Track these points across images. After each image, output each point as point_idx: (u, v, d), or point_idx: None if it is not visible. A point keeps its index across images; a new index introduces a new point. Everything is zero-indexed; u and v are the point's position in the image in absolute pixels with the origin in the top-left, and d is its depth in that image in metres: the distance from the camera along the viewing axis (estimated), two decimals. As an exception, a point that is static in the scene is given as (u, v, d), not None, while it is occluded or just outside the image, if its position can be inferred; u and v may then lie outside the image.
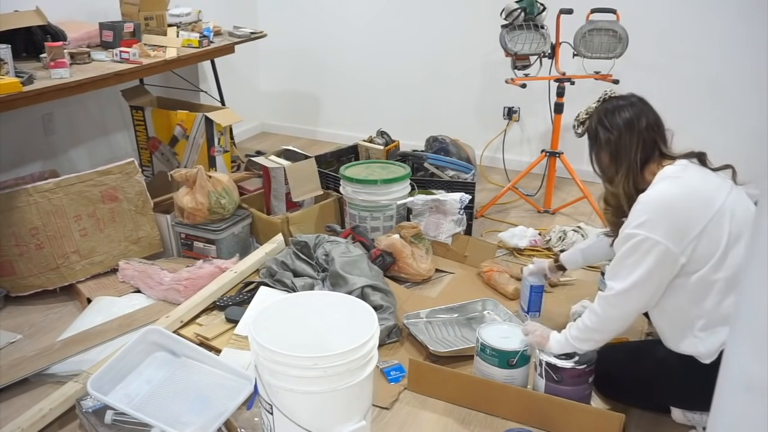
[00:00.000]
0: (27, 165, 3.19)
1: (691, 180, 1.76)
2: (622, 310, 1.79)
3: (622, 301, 1.77)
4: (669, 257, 1.69)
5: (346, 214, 3.05)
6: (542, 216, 3.47)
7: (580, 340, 1.86)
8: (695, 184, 1.76)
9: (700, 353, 1.75)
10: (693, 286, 1.73)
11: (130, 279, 2.63)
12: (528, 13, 3.15)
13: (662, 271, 1.71)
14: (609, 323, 1.81)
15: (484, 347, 2.01)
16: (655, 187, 1.77)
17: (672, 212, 1.70)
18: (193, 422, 1.78)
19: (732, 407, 0.81)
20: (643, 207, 1.74)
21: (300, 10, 4.49)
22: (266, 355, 1.54)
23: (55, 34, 2.83)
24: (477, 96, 4.15)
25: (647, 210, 1.72)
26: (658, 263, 1.70)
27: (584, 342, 1.86)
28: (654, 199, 1.74)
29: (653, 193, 1.75)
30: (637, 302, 1.77)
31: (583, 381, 1.90)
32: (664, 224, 1.69)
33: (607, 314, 1.80)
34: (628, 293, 1.75)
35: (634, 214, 1.75)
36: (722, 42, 3.48)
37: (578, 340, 1.86)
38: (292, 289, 2.44)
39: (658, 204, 1.72)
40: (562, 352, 1.90)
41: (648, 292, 1.75)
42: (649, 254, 1.69)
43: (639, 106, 1.90)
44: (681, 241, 1.69)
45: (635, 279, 1.72)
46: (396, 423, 1.96)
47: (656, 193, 1.75)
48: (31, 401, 1.98)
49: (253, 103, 4.73)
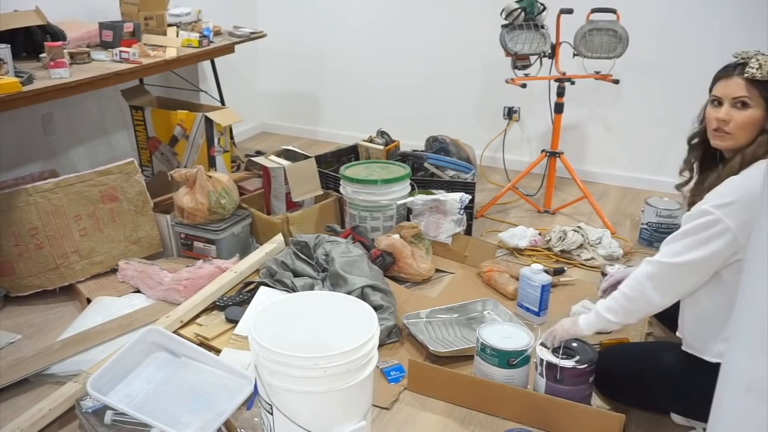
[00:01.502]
0: (27, 165, 3.19)
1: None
2: (664, 283, 1.71)
3: (670, 274, 1.70)
4: (733, 246, 1.61)
5: (346, 214, 3.05)
6: (542, 216, 3.47)
7: (614, 311, 1.78)
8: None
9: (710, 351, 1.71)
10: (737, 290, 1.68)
11: (130, 279, 2.63)
12: (528, 13, 3.15)
13: (722, 256, 1.64)
14: (652, 293, 1.72)
15: (485, 347, 2.01)
16: (748, 173, 1.65)
17: (753, 203, 1.57)
18: (193, 422, 1.78)
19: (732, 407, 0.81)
20: (730, 190, 1.63)
21: (300, 10, 4.49)
22: (266, 355, 1.54)
23: (54, 33, 2.83)
24: (477, 96, 4.15)
25: (732, 192, 1.61)
26: (721, 250, 1.62)
27: (618, 313, 1.78)
28: (741, 184, 1.62)
29: (742, 179, 1.64)
30: (681, 281, 1.70)
31: (584, 381, 1.90)
32: (744, 215, 1.59)
33: (653, 283, 1.72)
34: (677, 268, 1.68)
35: (717, 193, 1.65)
36: (722, 42, 3.47)
37: (612, 311, 1.79)
38: (292, 289, 2.44)
39: (742, 190, 1.61)
40: (592, 331, 1.85)
41: (697, 275, 1.68)
42: (717, 238, 1.61)
43: None
44: (749, 236, 1.62)
45: (692, 257, 1.65)
46: (396, 423, 1.95)
47: (745, 179, 1.63)
48: (31, 401, 1.98)
49: (253, 103, 4.73)
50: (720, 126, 1.72)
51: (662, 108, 3.70)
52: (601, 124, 3.88)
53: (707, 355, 1.74)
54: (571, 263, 2.92)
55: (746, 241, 1.60)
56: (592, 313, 1.86)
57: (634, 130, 3.77)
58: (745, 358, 0.79)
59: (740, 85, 1.68)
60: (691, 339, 1.79)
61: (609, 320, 1.82)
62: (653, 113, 3.70)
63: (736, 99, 1.69)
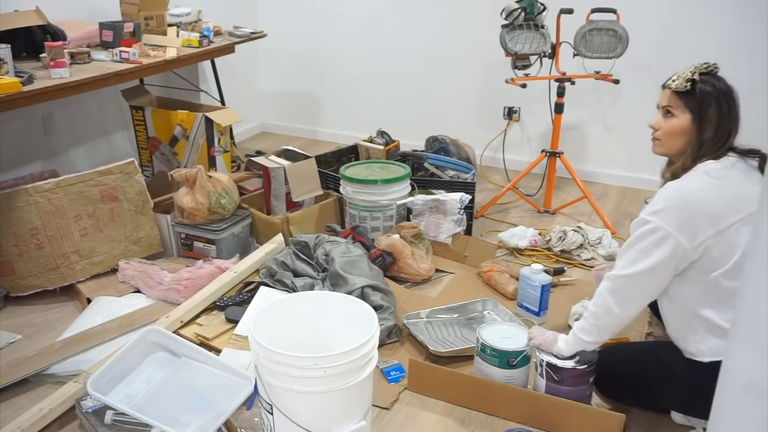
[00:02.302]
0: (27, 165, 3.19)
1: (727, 182, 1.70)
2: (625, 296, 1.76)
3: (625, 286, 1.75)
4: (678, 252, 1.67)
5: (346, 214, 3.05)
6: (542, 216, 3.47)
7: (586, 330, 1.83)
8: (728, 186, 1.70)
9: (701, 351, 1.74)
10: (704, 285, 1.71)
11: (130, 279, 2.63)
12: (528, 13, 3.15)
13: (669, 264, 1.69)
14: (613, 307, 1.78)
15: (485, 347, 2.01)
16: (685, 179, 1.73)
17: (690, 208, 1.67)
18: (193, 422, 1.78)
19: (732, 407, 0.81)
20: (664, 195, 1.71)
21: (300, 10, 4.49)
22: (266, 355, 1.54)
23: (54, 33, 2.83)
24: (477, 96, 4.15)
25: (666, 199, 1.70)
26: (667, 256, 1.68)
27: (589, 332, 1.83)
28: (677, 190, 1.71)
29: (679, 185, 1.72)
30: (639, 291, 1.76)
31: (584, 381, 1.90)
32: (678, 217, 1.66)
33: (614, 297, 1.77)
34: (630, 279, 1.73)
35: (653, 201, 1.72)
36: (722, 42, 3.48)
37: (584, 330, 1.84)
38: (292, 289, 2.44)
39: (678, 197, 1.69)
40: (572, 352, 1.88)
41: (652, 282, 1.73)
42: (659, 245, 1.67)
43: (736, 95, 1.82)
44: (693, 239, 1.66)
45: (641, 267, 1.71)
46: (396, 423, 1.96)
47: (682, 184, 1.72)
48: (31, 401, 1.98)
49: (253, 103, 4.73)
50: (652, 133, 1.87)
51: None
52: (601, 124, 3.88)
53: (701, 357, 1.75)
54: (571, 263, 2.92)
55: (693, 243, 1.66)
56: (570, 333, 1.89)
57: (634, 130, 3.77)
58: (745, 357, 0.79)
59: (666, 96, 1.81)
60: (680, 339, 1.81)
61: (584, 340, 1.85)
62: (653, 113, 3.69)
63: (664, 108, 1.83)
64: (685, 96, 1.77)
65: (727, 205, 1.68)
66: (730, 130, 1.76)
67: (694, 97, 1.77)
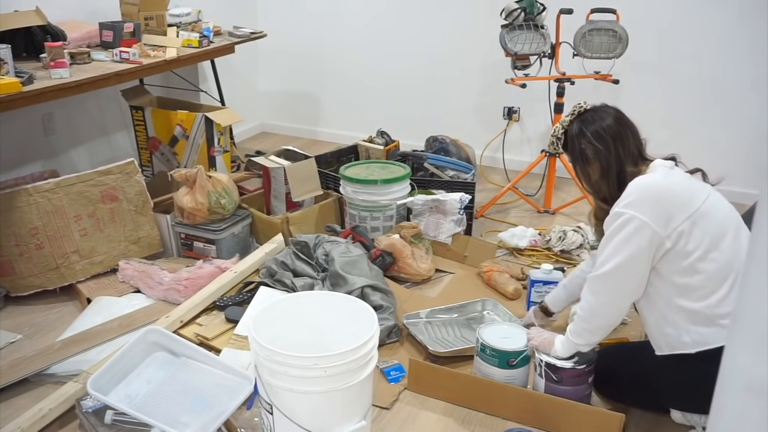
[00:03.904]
0: (27, 165, 3.19)
1: (679, 176, 1.79)
2: (611, 293, 1.77)
3: (610, 282, 1.76)
4: (655, 239, 1.69)
5: (346, 214, 3.05)
6: (542, 216, 3.47)
7: (577, 333, 1.84)
8: (682, 179, 1.78)
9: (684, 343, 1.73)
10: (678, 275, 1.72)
11: (130, 279, 2.63)
12: (528, 13, 3.15)
13: (648, 252, 1.70)
14: (598, 307, 1.78)
15: (484, 347, 2.01)
16: (646, 175, 1.78)
17: (660, 197, 1.71)
18: (193, 422, 1.78)
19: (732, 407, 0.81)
20: (632, 189, 1.74)
21: (300, 10, 4.49)
22: (266, 355, 1.54)
23: (55, 34, 2.83)
24: (477, 96, 4.15)
25: (635, 191, 1.73)
26: (644, 245, 1.69)
27: (580, 335, 1.84)
28: (643, 183, 1.74)
29: (643, 179, 1.76)
30: (625, 284, 1.76)
31: (583, 381, 1.90)
32: (650, 206, 1.69)
33: (596, 298, 1.78)
34: (611, 275, 1.74)
35: (623, 195, 1.75)
36: (722, 42, 3.48)
37: (575, 333, 1.84)
38: (292, 289, 2.44)
39: (646, 187, 1.73)
40: (568, 354, 1.89)
41: (636, 273, 1.74)
42: (636, 234, 1.69)
43: (619, 116, 1.87)
44: (667, 226, 1.69)
45: (623, 258, 1.71)
46: (396, 423, 1.96)
47: (646, 179, 1.76)
48: (31, 401, 1.98)
49: (253, 103, 4.73)
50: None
51: (662, 108, 3.70)
52: (601, 124, 3.87)
53: (685, 349, 1.75)
54: (571, 263, 2.92)
55: (667, 230, 1.69)
56: (565, 336, 1.89)
57: (634, 130, 3.77)
58: (745, 357, 0.79)
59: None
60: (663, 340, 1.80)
61: (576, 343, 1.86)
62: (653, 113, 3.70)
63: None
64: (565, 151, 1.93)
65: (688, 191, 1.74)
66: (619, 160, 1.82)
67: (568, 150, 1.91)
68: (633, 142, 1.84)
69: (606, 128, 1.83)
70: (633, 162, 1.82)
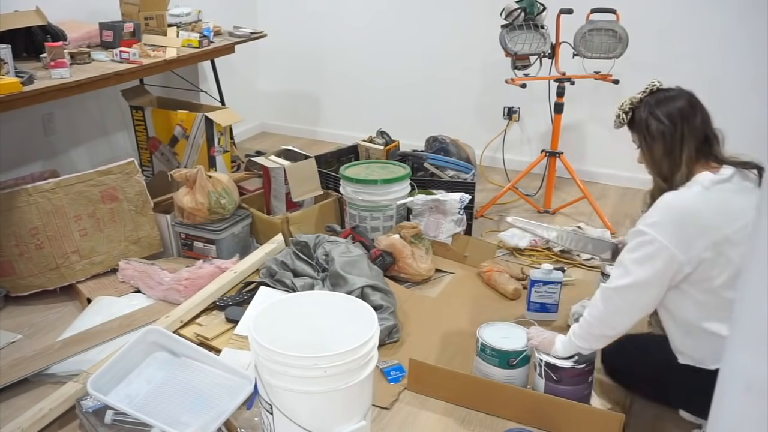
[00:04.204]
0: (27, 165, 3.19)
1: (722, 193, 1.69)
2: (620, 306, 1.76)
3: (620, 296, 1.74)
4: (674, 264, 1.66)
5: (346, 214, 3.05)
6: (542, 216, 3.47)
7: (581, 336, 1.83)
8: (725, 197, 1.69)
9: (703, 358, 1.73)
10: (703, 298, 1.70)
11: (130, 279, 2.63)
12: (528, 13, 3.15)
13: (663, 277, 1.68)
14: (608, 317, 1.77)
15: (485, 347, 2.01)
16: (681, 191, 1.71)
17: (684, 220, 1.66)
18: (193, 422, 1.78)
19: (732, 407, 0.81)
20: (660, 207, 1.70)
21: (300, 10, 4.49)
22: (266, 355, 1.54)
23: (55, 34, 2.83)
24: (477, 96, 4.15)
25: (661, 210, 1.69)
26: (661, 268, 1.67)
27: (584, 339, 1.83)
28: (672, 202, 1.69)
29: (674, 196, 1.71)
30: (638, 300, 1.74)
31: (583, 381, 1.90)
32: (673, 229, 1.65)
33: (607, 308, 1.77)
34: (625, 290, 1.73)
35: (650, 211, 1.71)
36: (722, 42, 3.48)
37: (579, 337, 1.83)
38: (292, 289, 2.44)
39: (673, 207, 1.68)
40: (568, 354, 1.88)
41: (650, 292, 1.72)
42: (654, 257, 1.66)
43: (691, 98, 1.84)
44: (688, 250, 1.65)
45: (636, 278, 1.70)
46: (396, 423, 1.96)
47: (678, 196, 1.70)
48: (31, 401, 1.98)
49: (253, 103, 4.73)
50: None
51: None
52: (600, 124, 3.87)
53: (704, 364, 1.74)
54: (571, 263, 2.92)
55: (688, 255, 1.65)
56: (567, 336, 1.89)
57: (634, 130, 3.77)
58: (745, 357, 0.79)
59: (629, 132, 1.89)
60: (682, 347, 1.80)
61: (578, 346, 1.85)
62: (653, 113, 3.69)
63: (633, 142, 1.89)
64: (631, 127, 1.88)
65: (722, 216, 1.67)
66: (683, 139, 1.75)
67: (634, 125, 1.86)
68: (701, 126, 1.77)
69: (676, 107, 1.79)
70: (698, 148, 1.75)
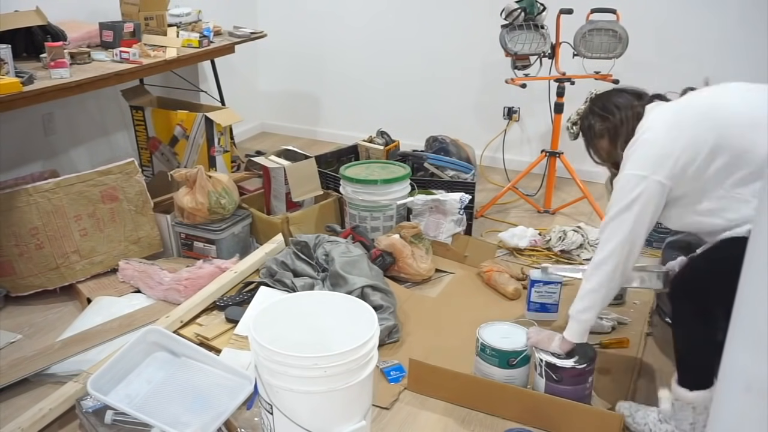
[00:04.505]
0: (27, 165, 3.19)
1: (689, 97, 1.85)
2: (625, 231, 1.75)
3: (624, 219, 1.75)
4: (663, 190, 1.72)
5: (346, 214, 3.05)
6: (542, 216, 3.47)
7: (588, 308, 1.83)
8: (691, 99, 1.84)
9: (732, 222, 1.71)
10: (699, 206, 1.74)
11: (130, 279, 2.63)
12: (528, 13, 3.15)
13: (654, 204, 1.73)
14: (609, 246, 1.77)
15: (485, 347, 2.01)
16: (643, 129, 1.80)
17: (658, 144, 1.74)
18: (193, 422, 1.78)
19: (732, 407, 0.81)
20: (632, 149, 1.78)
21: (300, 10, 4.49)
22: (266, 355, 1.54)
23: (55, 34, 2.83)
24: (477, 96, 4.15)
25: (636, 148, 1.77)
26: (650, 198, 1.72)
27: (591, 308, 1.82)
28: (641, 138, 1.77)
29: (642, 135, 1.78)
30: (633, 225, 1.75)
31: (583, 381, 1.90)
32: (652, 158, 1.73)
33: (612, 242, 1.76)
34: (625, 211, 1.75)
35: (629, 159, 1.78)
36: (722, 42, 3.48)
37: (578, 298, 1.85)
38: (292, 289, 2.44)
39: (645, 141, 1.76)
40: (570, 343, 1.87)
41: (643, 220, 1.74)
42: (645, 193, 1.71)
43: (618, 87, 2.01)
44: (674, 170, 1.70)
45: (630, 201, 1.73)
46: (396, 423, 1.96)
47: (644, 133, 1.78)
48: (31, 401, 1.98)
49: (253, 103, 4.73)
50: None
51: (662, 108, 3.70)
52: (601, 124, 3.87)
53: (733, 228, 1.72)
54: (571, 263, 2.92)
55: (673, 179, 1.71)
56: (572, 323, 1.88)
57: (634, 130, 3.77)
58: (745, 357, 0.79)
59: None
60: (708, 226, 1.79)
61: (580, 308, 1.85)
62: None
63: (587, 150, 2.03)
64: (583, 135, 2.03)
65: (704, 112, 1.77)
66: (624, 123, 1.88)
67: (584, 133, 2.02)
68: (641, 103, 1.90)
69: (611, 102, 1.93)
70: (638, 119, 1.85)
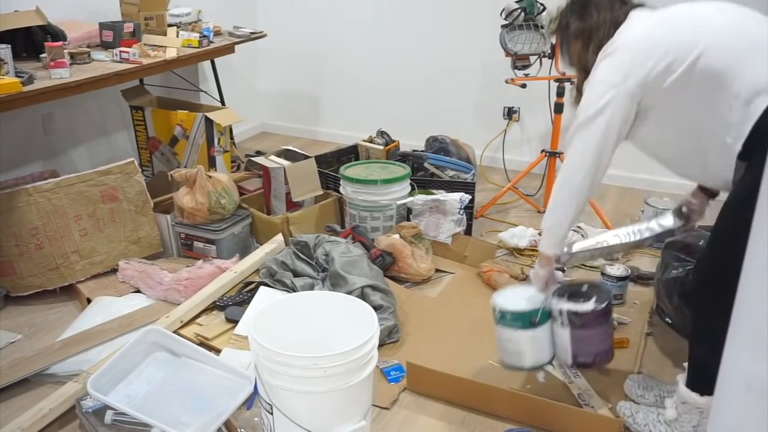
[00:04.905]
0: (27, 165, 3.19)
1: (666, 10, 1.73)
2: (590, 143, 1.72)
3: (585, 133, 1.72)
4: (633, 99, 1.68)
5: (346, 214, 3.05)
6: (542, 216, 3.46)
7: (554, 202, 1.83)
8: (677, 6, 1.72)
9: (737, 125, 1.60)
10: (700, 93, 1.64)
11: (130, 279, 2.63)
12: (528, 13, 3.15)
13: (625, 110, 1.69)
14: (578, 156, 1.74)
15: (504, 314, 1.92)
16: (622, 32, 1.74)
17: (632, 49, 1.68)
18: (193, 422, 1.78)
19: (732, 407, 0.81)
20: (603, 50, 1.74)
21: (300, 9, 4.49)
22: (266, 355, 1.54)
23: (55, 34, 2.83)
24: (477, 96, 4.15)
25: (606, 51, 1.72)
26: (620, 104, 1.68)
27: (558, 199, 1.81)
28: (614, 41, 1.72)
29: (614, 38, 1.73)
30: (602, 134, 1.70)
31: (605, 320, 1.89)
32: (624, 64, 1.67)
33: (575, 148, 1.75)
34: (589, 125, 1.71)
35: (598, 68, 1.74)
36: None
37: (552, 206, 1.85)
38: (292, 289, 2.44)
39: (621, 45, 1.70)
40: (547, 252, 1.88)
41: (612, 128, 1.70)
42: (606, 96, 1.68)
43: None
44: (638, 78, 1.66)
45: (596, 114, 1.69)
46: (396, 423, 1.96)
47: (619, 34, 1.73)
48: (31, 401, 1.98)
49: (253, 103, 4.73)
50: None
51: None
52: (601, 124, 3.88)
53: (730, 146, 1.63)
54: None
55: (640, 86, 1.66)
56: (545, 235, 1.90)
57: (634, 130, 3.77)
58: (745, 357, 0.79)
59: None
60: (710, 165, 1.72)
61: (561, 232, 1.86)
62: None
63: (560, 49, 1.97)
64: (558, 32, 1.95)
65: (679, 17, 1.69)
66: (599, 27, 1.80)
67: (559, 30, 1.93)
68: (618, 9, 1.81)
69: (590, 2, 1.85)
70: (615, 26, 1.78)
